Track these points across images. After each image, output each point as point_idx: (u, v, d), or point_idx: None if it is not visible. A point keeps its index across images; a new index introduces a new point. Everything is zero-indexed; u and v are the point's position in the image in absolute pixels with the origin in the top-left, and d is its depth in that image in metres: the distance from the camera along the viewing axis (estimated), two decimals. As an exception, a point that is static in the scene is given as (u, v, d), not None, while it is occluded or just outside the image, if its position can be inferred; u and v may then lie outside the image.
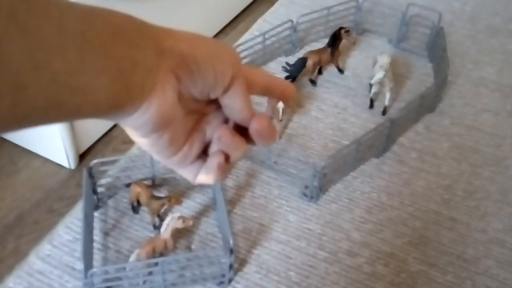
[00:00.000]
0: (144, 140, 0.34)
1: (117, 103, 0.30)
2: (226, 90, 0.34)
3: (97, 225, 0.98)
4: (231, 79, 0.34)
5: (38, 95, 0.25)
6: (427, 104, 1.20)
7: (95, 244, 0.95)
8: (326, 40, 1.27)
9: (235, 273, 0.92)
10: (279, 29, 1.30)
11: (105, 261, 0.93)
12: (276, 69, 1.29)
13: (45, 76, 0.25)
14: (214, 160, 0.37)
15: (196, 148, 0.37)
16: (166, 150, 0.35)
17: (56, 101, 0.26)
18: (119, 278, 0.87)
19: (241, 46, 1.25)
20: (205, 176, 0.38)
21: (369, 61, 1.29)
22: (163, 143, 0.34)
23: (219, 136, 0.37)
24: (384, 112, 1.21)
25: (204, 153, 0.38)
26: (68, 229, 0.97)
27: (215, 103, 0.36)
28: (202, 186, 1.04)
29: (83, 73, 0.27)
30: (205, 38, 0.34)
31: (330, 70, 1.31)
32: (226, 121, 0.38)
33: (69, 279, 0.90)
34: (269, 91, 0.39)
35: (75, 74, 0.26)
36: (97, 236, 0.96)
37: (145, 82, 0.30)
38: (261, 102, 1.16)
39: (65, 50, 0.26)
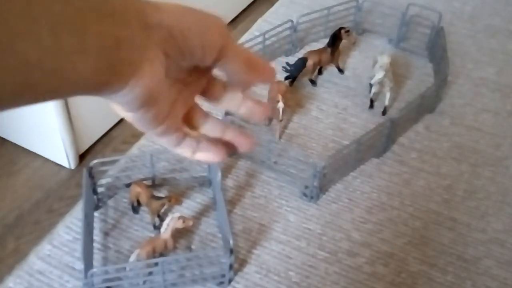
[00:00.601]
0: (129, 114, 0.34)
1: (101, 82, 0.29)
2: (217, 60, 0.34)
3: (97, 225, 0.98)
4: (221, 49, 0.34)
5: (5, 80, 0.24)
6: (427, 104, 1.20)
7: (95, 244, 0.95)
8: (326, 40, 1.27)
9: (235, 273, 0.92)
10: (279, 29, 1.30)
11: (105, 261, 0.93)
12: (276, 69, 1.29)
13: (13, 61, 0.24)
14: (209, 145, 0.39)
15: (179, 118, 0.37)
16: (151, 123, 0.35)
17: (28, 85, 0.25)
18: (119, 278, 0.87)
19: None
20: (204, 154, 0.39)
21: (369, 61, 1.29)
22: (149, 117, 0.34)
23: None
24: (384, 112, 1.21)
25: (186, 119, 0.39)
26: (68, 229, 0.97)
27: (198, 72, 0.36)
28: (202, 186, 1.04)
29: (59, 55, 0.26)
30: (192, 10, 0.33)
31: (330, 70, 1.31)
32: (206, 88, 0.38)
33: (69, 279, 0.90)
34: (250, 67, 0.38)
35: (50, 57, 0.25)
36: (97, 236, 0.96)
37: (132, 59, 0.30)
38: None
39: (36, 33, 0.25)
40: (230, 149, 0.40)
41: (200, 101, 0.40)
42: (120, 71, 0.30)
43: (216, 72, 0.38)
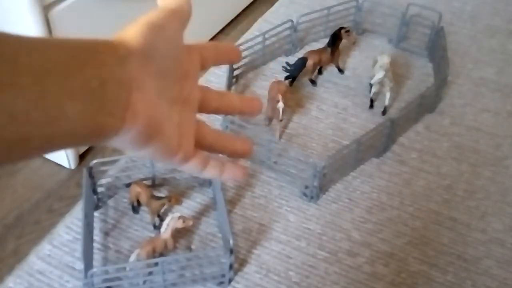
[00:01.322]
0: (145, 152, 0.34)
1: (96, 126, 0.29)
2: (194, 59, 0.36)
3: (97, 225, 0.98)
4: (190, 47, 0.35)
5: None
6: (427, 104, 1.20)
7: (95, 244, 0.95)
8: (326, 40, 1.27)
9: (235, 273, 0.92)
10: (279, 29, 1.30)
11: (105, 261, 0.93)
12: (276, 69, 1.29)
13: (1, 117, 0.23)
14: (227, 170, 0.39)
15: (191, 141, 0.37)
16: (168, 152, 0.35)
17: (20, 140, 0.25)
18: (119, 278, 0.87)
19: (241, 46, 1.25)
20: (231, 173, 0.39)
21: (369, 61, 1.29)
22: (163, 147, 0.34)
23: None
24: (384, 112, 1.21)
25: (200, 144, 0.38)
26: (68, 229, 0.97)
27: (188, 82, 0.36)
28: (202, 186, 1.04)
29: (46, 104, 0.25)
30: (151, 25, 0.33)
31: (330, 70, 1.31)
32: (202, 100, 0.39)
33: (69, 279, 0.90)
34: (219, 54, 0.40)
35: (37, 107, 0.25)
36: (97, 236, 0.96)
37: (120, 96, 0.30)
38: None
39: (21, 86, 0.24)
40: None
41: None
42: (112, 111, 0.29)
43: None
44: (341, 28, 1.25)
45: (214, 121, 1.17)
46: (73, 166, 1.08)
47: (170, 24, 0.34)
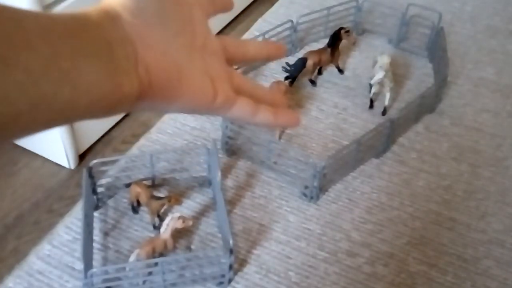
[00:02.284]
0: (180, 107, 0.33)
1: (115, 86, 0.29)
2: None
3: (97, 225, 0.98)
4: None
5: (17, 97, 0.24)
6: (427, 104, 1.20)
7: (95, 244, 0.95)
8: (326, 40, 1.27)
9: (235, 273, 0.92)
10: (279, 29, 1.30)
11: (105, 261, 0.93)
12: (276, 69, 1.29)
13: (19, 75, 0.24)
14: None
15: (225, 82, 0.36)
16: (203, 102, 0.34)
17: (41, 99, 0.25)
18: (119, 278, 0.87)
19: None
20: (286, 118, 0.38)
21: (369, 61, 1.29)
22: (196, 98, 0.34)
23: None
24: (384, 112, 1.21)
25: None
26: (68, 229, 0.97)
27: (199, 27, 0.35)
28: (202, 186, 1.04)
29: (63, 64, 0.26)
30: None
31: (330, 70, 1.31)
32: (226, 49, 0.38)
33: (69, 279, 0.90)
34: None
35: (54, 67, 0.25)
36: (97, 236, 0.96)
37: (127, 52, 0.30)
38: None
39: (33, 46, 0.25)
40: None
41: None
42: (126, 68, 0.30)
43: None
44: (341, 28, 1.25)
45: (214, 121, 1.17)
46: (73, 166, 1.08)
47: None
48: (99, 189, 1.01)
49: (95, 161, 0.98)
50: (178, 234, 0.94)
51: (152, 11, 0.32)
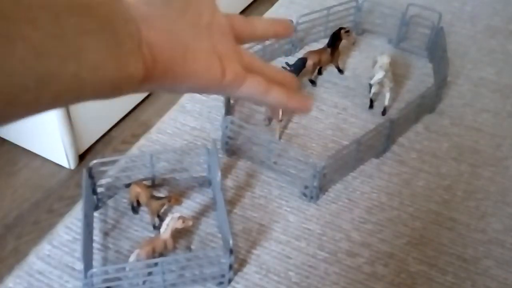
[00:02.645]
0: (189, 86, 0.33)
1: (121, 65, 0.28)
2: None
3: (97, 225, 0.98)
4: None
5: (23, 72, 0.23)
6: (427, 104, 1.20)
7: (95, 244, 0.95)
8: (326, 40, 1.27)
9: (235, 273, 0.92)
10: (279, 29, 1.30)
11: (105, 261, 0.93)
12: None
13: (23, 50, 0.23)
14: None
15: (234, 59, 0.35)
16: (212, 80, 0.34)
17: (47, 75, 0.25)
18: (119, 278, 0.87)
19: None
20: (299, 101, 0.38)
21: (369, 61, 1.29)
22: (204, 76, 0.33)
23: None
24: (384, 112, 1.21)
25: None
26: (68, 229, 0.97)
27: (205, 4, 0.35)
28: (202, 186, 1.04)
29: (69, 40, 0.25)
30: None
31: (330, 70, 1.31)
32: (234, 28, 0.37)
33: (69, 279, 0.90)
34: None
35: (60, 43, 0.25)
36: (97, 236, 0.96)
37: (130, 30, 0.29)
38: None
39: (39, 21, 0.24)
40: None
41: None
42: (130, 47, 0.29)
43: None
44: (341, 28, 1.25)
45: (214, 121, 1.17)
46: (73, 166, 1.08)
47: None
48: (99, 189, 1.01)
49: (95, 161, 0.98)
50: (178, 234, 0.94)
51: None
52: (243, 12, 1.49)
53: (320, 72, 1.30)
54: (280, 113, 1.09)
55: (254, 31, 0.39)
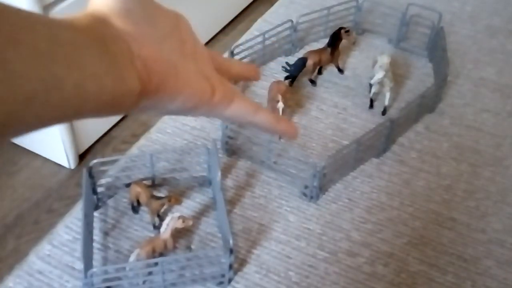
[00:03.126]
0: (179, 105, 0.34)
1: (119, 79, 0.29)
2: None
3: (97, 225, 0.98)
4: None
5: (31, 76, 0.24)
6: (427, 104, 1.20)
7: (95, 244, 0.95)
8: (326, 40, 1.27)
9: (235, 273, 0.92)
10: (279, 29, 1.30)
11: (105, 261, 0.93)
12: (276, 69, 1.29)
13: (29, 55, 0.24)
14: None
15: (219, 79, 0.36)
16: (202, 98, 0.35)
17: (53, 80, 0.25)
18: (119, 278, 0.87)
19: (241, 46, 1.25)
20: (287, 125, 0.39)
21: (369, 61, 1.29)
22: (195, 95, 0.34)
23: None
24: (384, 112, 1.21)
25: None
26: (68, 229, 0.97)
27: (187, 34, 0.36)
28: (202, 186, 1.04)
29: (64, 48, 0.26)
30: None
31: (330, 70, 1.31)
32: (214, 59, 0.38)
33: (69, 279, 0.90)
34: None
35: (57, 48, 0.26)
36: (97, 236, 0.96)
37: (122, 49, 0.30)
38: (261, 102, 1.16)
39: (33, 26, 0.25)
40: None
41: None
42: (125, 64, 0.30)
43: None
44: (341, 28, 1.25)
45: (214, 121, 1.17)
46: (73, 166, 1.08)
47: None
48: (99, 189, 1.01)
49: (95, 161, 0.98)
50: (178, 234, 0.94)
51: (139, 13, 0.33)
52: (243, 12, 1.49)
53: (320, 72, 1.30)
54: (281, 112, 1.09)
55: (230, 69, 0.41)
